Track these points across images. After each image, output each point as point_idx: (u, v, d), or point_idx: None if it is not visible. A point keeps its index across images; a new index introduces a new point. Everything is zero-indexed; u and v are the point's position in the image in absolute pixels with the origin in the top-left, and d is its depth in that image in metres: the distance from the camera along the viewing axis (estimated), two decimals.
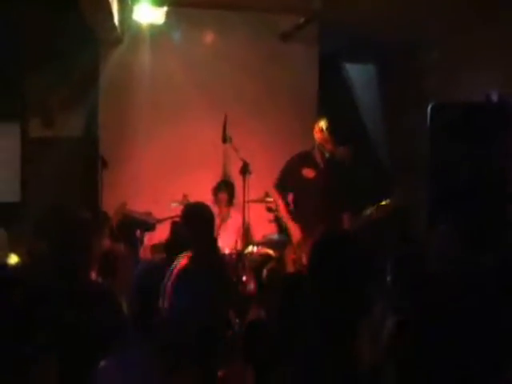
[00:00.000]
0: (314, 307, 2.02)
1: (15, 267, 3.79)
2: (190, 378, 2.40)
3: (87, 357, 2.73)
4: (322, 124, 4.97)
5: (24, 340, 2.25)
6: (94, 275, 3.73)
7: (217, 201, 5.92)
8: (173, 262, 3.57)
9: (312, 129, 5.11)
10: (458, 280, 1.84)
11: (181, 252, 3.62)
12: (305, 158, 5.13)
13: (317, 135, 5.02)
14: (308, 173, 5.05)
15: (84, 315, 2.89)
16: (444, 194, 4.34)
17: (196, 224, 3.75)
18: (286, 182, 5.16)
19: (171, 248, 4.20)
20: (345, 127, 5.66)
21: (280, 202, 5.16)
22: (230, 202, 5.95)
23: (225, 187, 5.97)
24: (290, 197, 5.24)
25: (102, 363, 2.69)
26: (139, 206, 5.86)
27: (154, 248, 5.49)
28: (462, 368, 1.82)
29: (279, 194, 5.17)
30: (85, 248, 3.17)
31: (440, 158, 4.37)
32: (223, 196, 5.92)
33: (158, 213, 5.87)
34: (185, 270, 1.93)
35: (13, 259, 3.94)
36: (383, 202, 4.94)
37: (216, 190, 5.99)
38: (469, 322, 1.86)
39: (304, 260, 4.64)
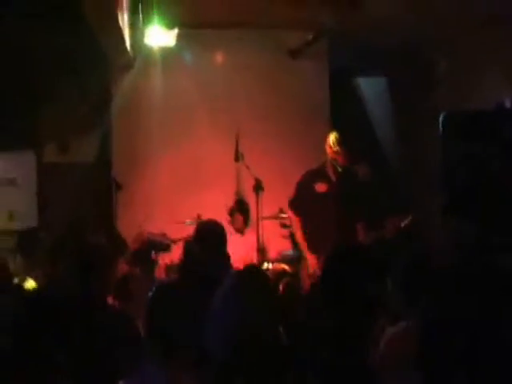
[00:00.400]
0: (325, 318, 2.01)
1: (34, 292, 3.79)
2: None
3: (105, 380, 2.73)
4: (334, 138, 4.97)
5: (43, 363, 2.24)
6: (110, 299, 3.74)
7: (233, 222, 5.91)
8: (187, 281, 3.55)
9: (324, 144, 5.11)
10: (473, 277, 1.80)
11: (194, 271, 3.60)
12: (317, 174, 5.12)
13: (329, 149, 5.02)
14: (320, 187, 5.03)
15: (101, 339, 2.89)
16: (457, 200, 4.29)
17: (208, 241, 3.73)
18: (301, 199, 5.14)
19: (185, 267, 4.19)
20: (357, 141, 5.64)
21: (296, 227, 5.11)
22: (246, 222, 5.94)
23: (240, 208, 5.96)
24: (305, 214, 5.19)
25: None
26: (153, 226, 5.87)
27: (168, 268, 5.49)
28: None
29: (295, 214, 5.14)
30: (101, 273, 3.18)
31: (453, 166, 4.32)
32: (239, 217, 5.91)
33: (172, 233, 5.87)
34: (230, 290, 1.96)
35: (30, 284, 3.96)
36: (398, 220, 4.90)
37: (232, 211, 5.98)
38: (486, 322, 1.81)
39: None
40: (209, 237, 3.79)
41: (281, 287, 3.84)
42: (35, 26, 6.22)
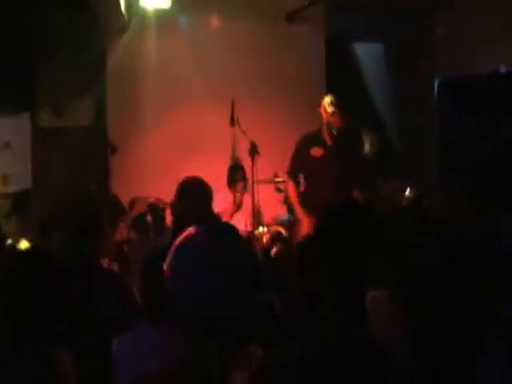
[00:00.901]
0: (321, 276, 1.97)
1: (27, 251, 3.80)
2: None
3: (101, 338, 2.77)
4: (328, 99, 4.93)
5: (43, 321, 2.27)
6: (107, 262, 3.76)
7: (234, 190, 5.90)
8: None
9: (319, 108, 5.09)
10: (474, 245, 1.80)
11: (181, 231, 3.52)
12: (313, 138, 5.11)
13: (323, 112, 4.98)
14: (316, 151, 5.02)
15: (94, 298, 2.92)
16: (456, 165, 4.31)
17: (188, 198, 3.65)
18: (297, 164, 5.14)
19: (174, 230, 4.17)
20: (353, 107, 5.61)
21: (290, 187, 5.12)
22: (245, 188, 5.93)
23: (241, 175, 5.91)
24: (302, 180, 5.20)
25: (116, 340, 2.73)
26: (149, 191, 5.87)
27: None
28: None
29: (291, 179, 5.14)
30: (97, 232, 3.19)
31: (449, 131, 4.33)
32: (241, 185, 5.90)
33: (167, 197, 5.86)
34: (180, 246, 1.89)
35: (23, 244, 3.97)
36: (395, 183, 4.91)
37: (233, 179, 5.95)
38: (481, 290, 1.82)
39: None
40: (192, 191, 3.71)
41: (273, 251, 3.85)
42: None
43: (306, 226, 4.89)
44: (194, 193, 3.65)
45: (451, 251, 1.86)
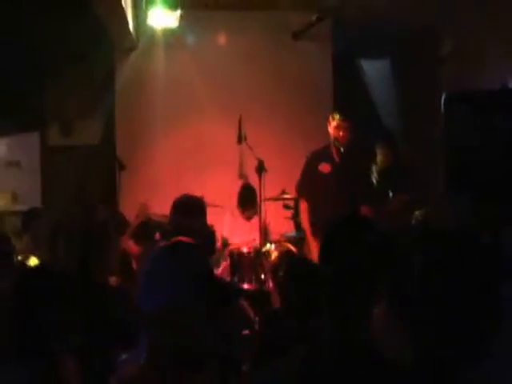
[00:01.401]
0: (326, 294, 1.95)
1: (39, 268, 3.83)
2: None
3: (106, 354, 2.77)
4: (336, 116, 4.95)
5: (49, 336, 2.28)
6: (114, 278, 3.77)
7: (245, 212, 5.90)
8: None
9: (327, 124, 5.10)
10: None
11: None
12: (321, 154, 5.12)
13: (331, 130, 5.00)
14: (324, 168, 5.03)
15: (100, 315, 2.92)
16: (462, 180, 4.30)
17: (191, 212, 3.73)
18: (306, 181, 5.14)
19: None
20: (362, 123, 5.62)
21: (302, 208, 5.10)
22: (256, 212, 5.91)
23: (253, 198, 5.88)
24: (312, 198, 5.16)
25: (123, 357, 2.74)
26: (157, 208, 5.88)
27: None
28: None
29: (301, 198, 5.14)
30: (103, 249, 3.21)
31: (456, 145, 4.33)
32: (252, 211, 5.89)
33: None
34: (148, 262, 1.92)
35: (32, 261, 4.00)
36: (404, 196, 4.89)
37: (244, 201, 5.94)
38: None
39: None
40: (189, 208, 3.78)
41: (281, 273, 3.82)
42: (41, 8, 6.24)
43: (314, 248, 4.88)
44: (186, 210, 3.73)
45: (456, 263, 1.84)
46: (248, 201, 5.90)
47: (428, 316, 1.59)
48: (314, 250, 4.87)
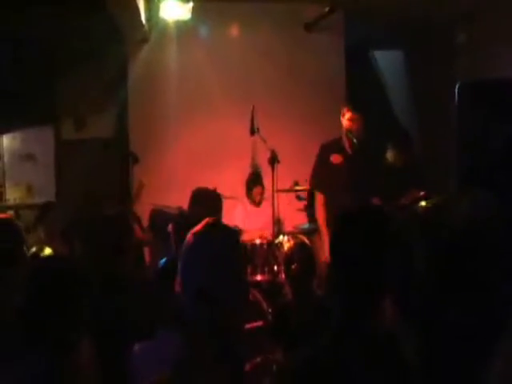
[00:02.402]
0: (337, 284, 1.96)
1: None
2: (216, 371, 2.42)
3: (121, 343, 2.82)
4: (349, 109, 4.96)
5: (67, 324, 2.33)
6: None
7: (251, 194, 5.95)
8: None
9: (339, 116, 5.11)
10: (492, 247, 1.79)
11: None
12: (333, 145, 5.13)
13: (344, 121, 5.01)
14: (336, 158, 5.04)
15: (117, 304, 2.98)
16: (475, 172, 4.28)
17: (207, 203, 3.77)
18: (319, 173, 5.16)
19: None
20: (374, 114, 5.62)
21: (319, 203, 5.10)
22: (263, 194, 5.98)
23: (258, 180, 5.98)
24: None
25: (136, 347, 2.78)
26: (171, 200, 5.93)
27: None
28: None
29: (316, 190, 5.15)
30: (127, 243, 3.28)
31: (470, 136, 4.31)
32: (258, 189, 5.95)
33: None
34: (187, 248, 1.96)
35: (47, 251, 4.06)
36: (417, 192, 4.89)
37: (249, 184, 6.01)
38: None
39: None
40: (206, 200, 3.83)
41: (293, 266, 3.85)
42: (53, 4, 6.29)
43: (326, 238, 4.90)
44: (204, 201, 3.78)
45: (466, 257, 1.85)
46: (252, 183, 5.95)
47: (433, 310, 1.61)
48: (326, 241, 4.89)
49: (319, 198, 5.12)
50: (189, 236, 2.01)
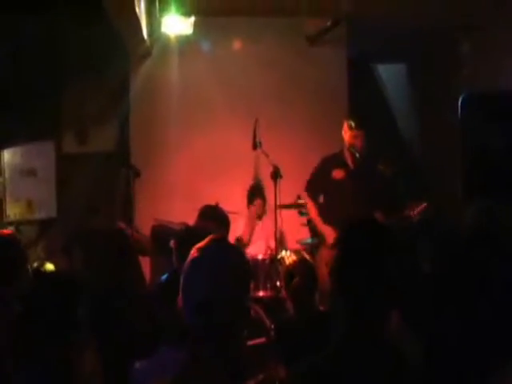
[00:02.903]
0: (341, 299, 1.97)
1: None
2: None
3: (123, 357, 2.86)
4: (350, 122, 5.00)
5: (69, 338, 2.37)
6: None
7: (252, 208, 5.97)
8: None
9: (342, 130, 5.16)
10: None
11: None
12: (334, 160, 5.17)
13: (346, 135, 5.05)
14: (338, 174, 5.08)
15: (120, 321, 3.02)
16: (479, 183, 4.33)
17: (207, 222, 3.82)
18: (317, 184, 5.21)
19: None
20: (376, 128, 5.67)
21: (310, 205, 5.20)
22: (264, 207, 5.98)
23: (259, 193, 5.98)
24: (321, 199, 5.28)
25: (138, 364, 2.81)
26: (172, 214, 5.97)
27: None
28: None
29: (310, 197, 5.22)
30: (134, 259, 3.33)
31: (474, 148, 4.35)
32: (260, 202, 5.97)
33: (190, 221, 5.95)
34: (190, 262, 2.00)
35: (48, 266, 4.11)
36: (418, 205, 4.92)
37: (251, 197, 6.02)
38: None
39: None
40: (214, 216, 3.89)
41: (295, 281, 3.88)
42: (56, 17, 6.37)
43: (329, 234, 4.93)
44: (213, 218, 3.83)
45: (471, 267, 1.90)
46: (254, 196, 5.98)
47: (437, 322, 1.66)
48: (327, 234, 4.93)
49: (312, 210, 5.17)
50: (193, 251, 2.06)
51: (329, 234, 4.99)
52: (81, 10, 6.33)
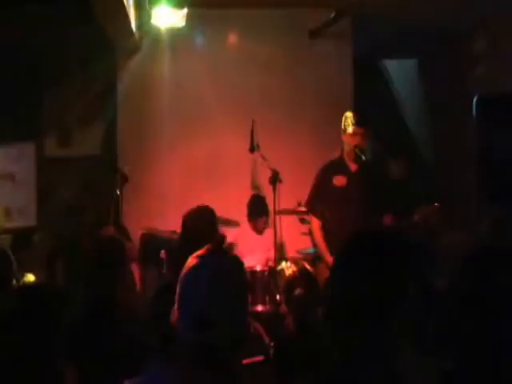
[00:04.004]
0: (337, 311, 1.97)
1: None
2: None
3: (109, 379, 2.85)
4: (349, 118, 4.89)
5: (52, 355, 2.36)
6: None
7: (256, 223, 5.97)
8: None
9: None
10: None
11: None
12: (334, 166, 5.04)
13: (349, 137, 4.91)
14: (339, 181, 4.95)
15: (108, 338, 3.02)
16: (494, 186, 4.36)
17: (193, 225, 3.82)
18: (319, 199, 5.08)
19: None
20: (384, 129, 5.67)
21: (314, 224, 5.06)
22: (267, 223, 5.97)
23: (263, 208, 5.94)
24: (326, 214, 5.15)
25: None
26: (164, 223, 5.96)
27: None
28: None
29: (313, 215, 5.10)
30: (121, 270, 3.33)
31: (488, 150, 4.39)
32: (263, 221, 5.95)
33: None
34: (189, 271, 1.98)
35: (29, 278, 4.10)
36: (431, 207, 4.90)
37: (254, 212, 5.99)
38: None
39: None
40: (202, 216, 3.88)
41: (297, 291, 3.87)
42: (39, 11, 6.36)
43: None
44: (199, 220, 3.83)
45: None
46: (258, 211, 5.97)
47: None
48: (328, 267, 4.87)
49: (315, 224, 5.06)
50: (191, 259, 2.05)
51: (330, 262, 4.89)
52: (62, 2, 6.34)
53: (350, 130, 4.91)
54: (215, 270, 1.99)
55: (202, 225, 3.82)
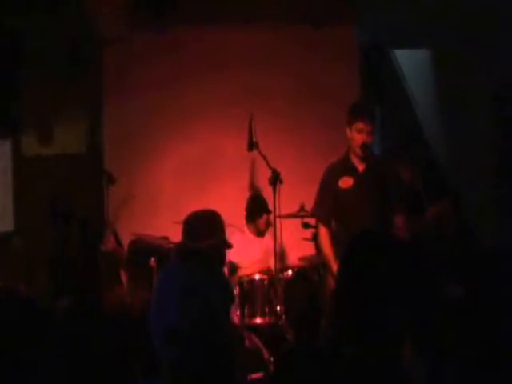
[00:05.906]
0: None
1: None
2: None
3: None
4: (365, 119, 4.89)
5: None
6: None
7: (256, 223, 6.02)
8: None
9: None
10: None
11: None
12: (340, 168, 4.99)
13: (357, 135, 4.92)
14: (345, 183, 4.95)
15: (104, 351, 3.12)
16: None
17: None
18: (325, 203, 5.01)
19: None
20: (394, 125, 5.71)
21: (321, 233, 5.06)
22: (269, 223, 5.99)
23: (263, 207, 5.98)
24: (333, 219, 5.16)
25: None
26: (155, 228, 6.02)
27: None
28: None
29: (320, 222, 5.14)
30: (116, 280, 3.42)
31: (506, 149, 4.49)
32: (263, 220, 6.00)
33: (176, 236, 5.97)
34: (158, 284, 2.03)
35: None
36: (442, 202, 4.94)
37: (253, 213, 6.04)
38: None
39: None
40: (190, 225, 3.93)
41: (296, 306, 3.93)
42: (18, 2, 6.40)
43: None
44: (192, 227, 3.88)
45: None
46: (257, 210, 6.01)
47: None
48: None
49: (322, 231, 5.06)
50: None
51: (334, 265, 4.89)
52: None
53: (356, 126, 4.94)
54: (182, 279, 2.02)
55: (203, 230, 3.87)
